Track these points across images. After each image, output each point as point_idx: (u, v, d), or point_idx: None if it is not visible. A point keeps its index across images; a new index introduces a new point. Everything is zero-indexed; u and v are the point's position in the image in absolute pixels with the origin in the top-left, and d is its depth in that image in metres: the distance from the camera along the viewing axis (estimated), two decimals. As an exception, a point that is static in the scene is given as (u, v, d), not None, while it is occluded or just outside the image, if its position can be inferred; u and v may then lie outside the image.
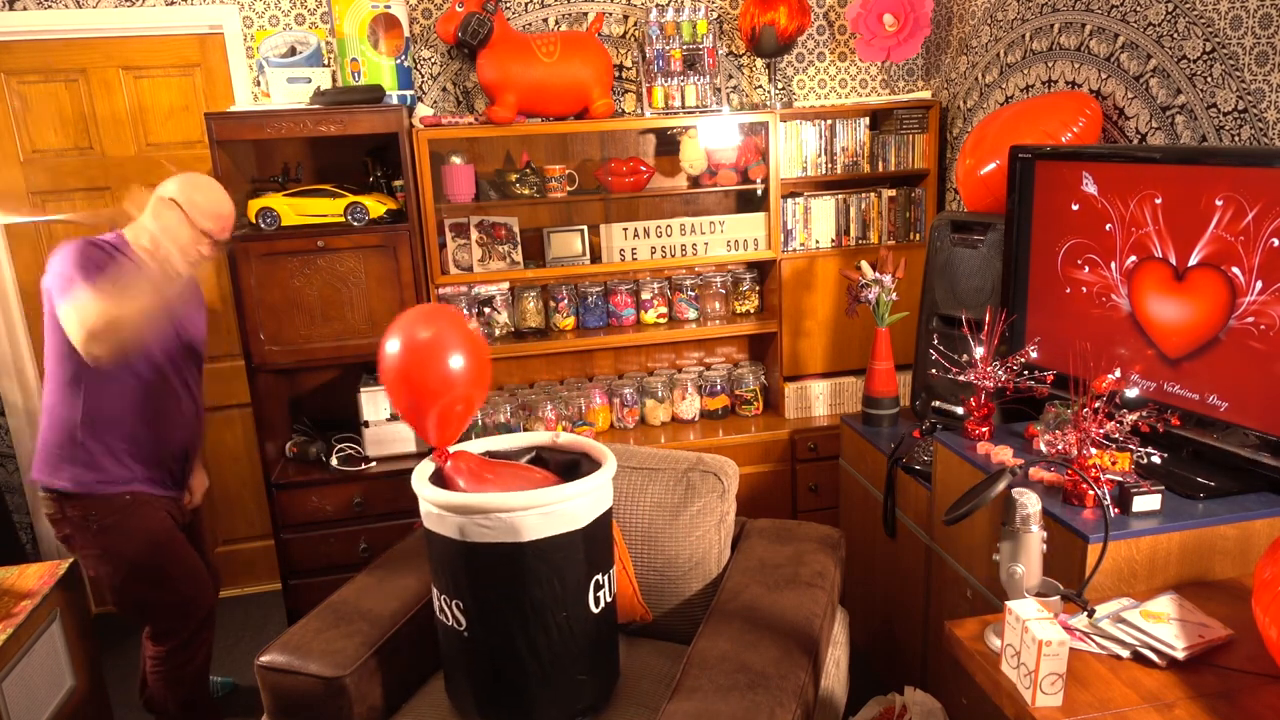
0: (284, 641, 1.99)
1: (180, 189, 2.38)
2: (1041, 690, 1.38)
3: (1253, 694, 1.39)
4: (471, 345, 1.86)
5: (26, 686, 2.24)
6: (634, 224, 3.29)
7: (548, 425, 3.32)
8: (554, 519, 1.77)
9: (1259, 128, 2.04)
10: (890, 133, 3.41)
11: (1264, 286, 1.69)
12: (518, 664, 1.82)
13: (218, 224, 2.41)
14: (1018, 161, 2.29)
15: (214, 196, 2.42)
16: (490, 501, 1.75)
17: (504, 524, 1.74)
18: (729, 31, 3.48)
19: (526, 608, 1.79)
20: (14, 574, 2.44)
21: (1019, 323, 2.34)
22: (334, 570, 3.07)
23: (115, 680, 3.13)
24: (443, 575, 1.85)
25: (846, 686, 2.33)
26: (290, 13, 3.23)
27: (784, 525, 2.41)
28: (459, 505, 1.76)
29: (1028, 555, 1.54)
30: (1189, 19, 2.20)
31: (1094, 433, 1.77)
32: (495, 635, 1.81)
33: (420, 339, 1.83)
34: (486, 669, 1.84)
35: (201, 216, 2.37)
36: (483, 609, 1.81)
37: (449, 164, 3.12)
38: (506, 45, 3.02)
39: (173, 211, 2.36)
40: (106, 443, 2.35)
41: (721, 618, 1.98)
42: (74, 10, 3.12)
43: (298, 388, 3.38)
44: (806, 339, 3.43)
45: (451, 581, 1.83)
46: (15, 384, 3.38)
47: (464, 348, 1.84)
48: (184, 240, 2.37)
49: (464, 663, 1.87)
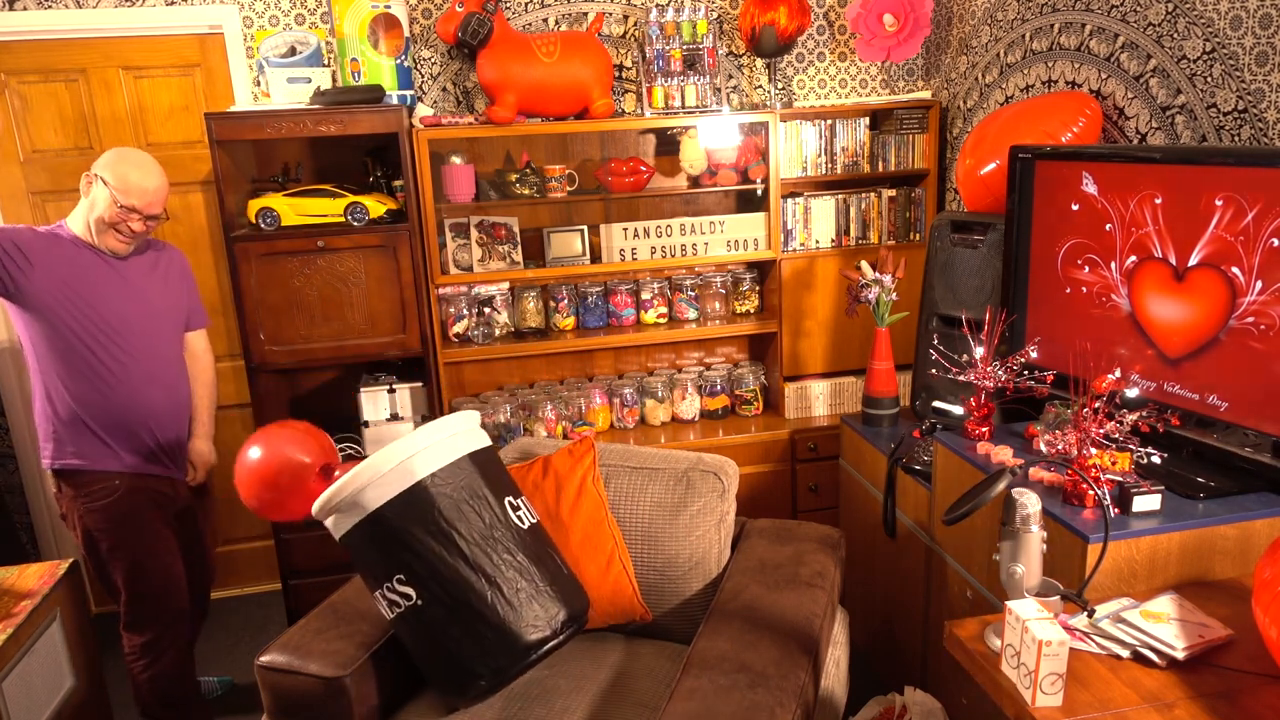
0: (284, 641, 1.99)
1: (109, 165, 2.39)
2: (1041, 690, 1.38)
3: (1253, 694, 1.39)
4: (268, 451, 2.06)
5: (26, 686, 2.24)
6: (634, 224, 3.29)
7: (548, 425, 3.33)
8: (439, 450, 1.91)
9: (1259, 128, 2.04)
10: (890, 133, 3.41)
11: (1264, 286, 1.69)
12: (479, 599, 1.85)
13: (143, 199, 2.39)
14: (1018, 161, 2.29)
15: (142, 171, 2.40)
16: (378, 461, 1.87)
17: (398, 473, 1.87)
18: (729, 31, 3.48)
19: (457, 539, 1.87)
20: (14, 574, 2.43)
21: (1019, 323, 2.34)
22: (334, 570, 3.07)
23: (115, 680, 3.13)
24: (377, 564, 1.91)
25: (846, 686, 2.33)
26: (290, 13, 3.23)
27: (784, 525, 2.41)
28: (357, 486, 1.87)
29: (1028, 555, 1.54)
30: (1189, 19, 2.20)
31: (1094, 433, 1.77)
32: (447, 583, 1.86)
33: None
34: (454, 623, 1.87)
35: (127, 193, 2.37)
36: (421, 565, 1.86)
37: (449, 164, 3.12)
38: (506, 45, 3.02)
39: (99, 188, 2.37)
40: (80, 420, 2.42)
41: (721, 618, 1.98)
42: (74, 10, 3.12)
43: (297, 388, 3.38)
44: (806, 339, 3.42)
45: (387, 562, 1.89)
46: (15, 384, 3.37)
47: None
48: (112, 217, 2.37)
49: (432, 635, 1.90)
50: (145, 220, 2.43)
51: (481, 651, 1.87)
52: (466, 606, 1.86)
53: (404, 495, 1.87)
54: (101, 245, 2.42)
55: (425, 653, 1.93)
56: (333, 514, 1.93)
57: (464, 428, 2.04)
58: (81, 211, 2.42)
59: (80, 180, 2.40)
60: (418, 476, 1.89)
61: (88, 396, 2.43)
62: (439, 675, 1.95)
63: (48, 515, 3.51)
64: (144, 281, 2.53)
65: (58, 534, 3.54)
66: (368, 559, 1.92)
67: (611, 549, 2.21)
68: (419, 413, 3.16)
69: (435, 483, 1.89)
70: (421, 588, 1.86)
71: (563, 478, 2.27)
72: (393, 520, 1.87)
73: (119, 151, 2.43)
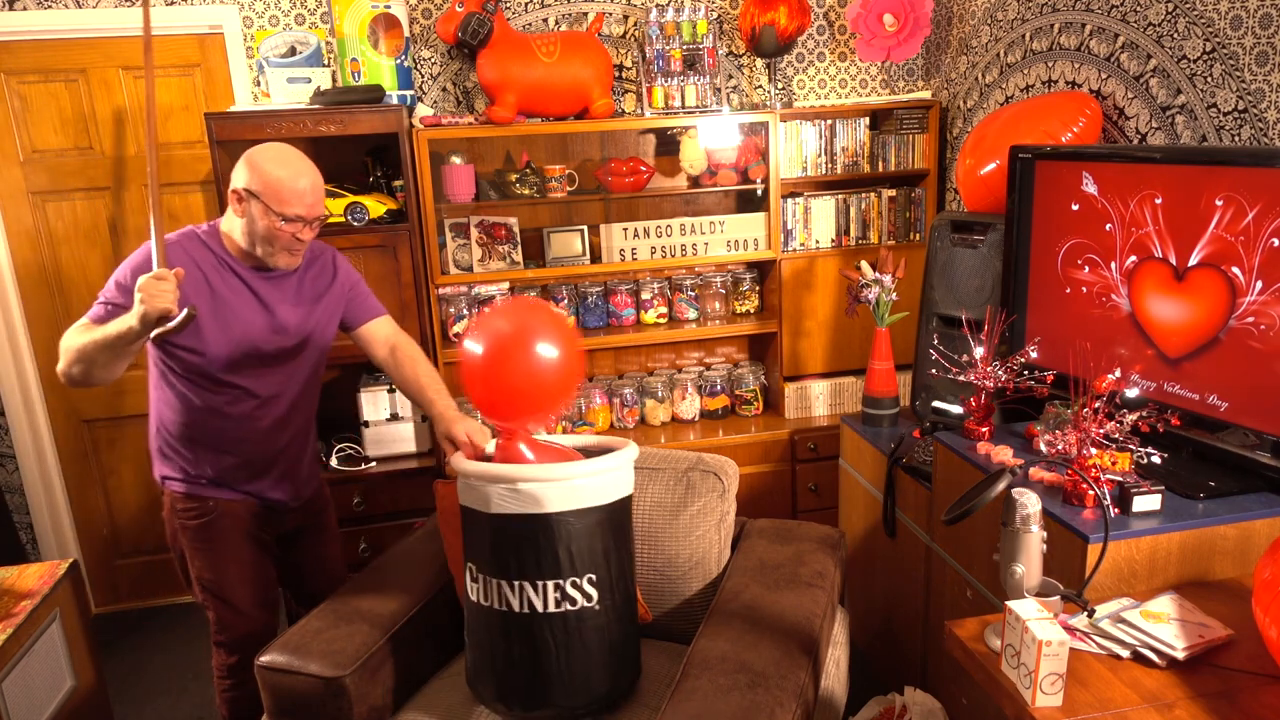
0: (284, 641, 1.99)
1: (250, 173, 2.01)
2: (1041, 690, 1.38)
3: (1253, 694, 1.39)
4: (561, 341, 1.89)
5: (26, 686, 2.24)
6: (634, 224, 3.29)
7: (547, 425, 3.32)
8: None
9: (1259, 128, 2.04)
10: (890, 133, 3.41)
11: (1264, 286, 1.69)
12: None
13: (303, 202, 2.02)
14: (1018, 161, 2.29)
15: (290, 169, 2.02)
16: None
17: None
18: (729, 31, 3.48)
19: (625, 557, 1.89)
20: (14, 574, 2.43)
21: (1019, 323, 2.34)
22: (334, 570, 3.07)
23: (115, 680, 3.13)
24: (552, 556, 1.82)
25: (846, 686, 2.33)
26: (290, 13, 3.23)
27: (784, 525, 2.41)
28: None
29: (1028, 555, 1.54)
30: (1189, 19, 2.20)
31: (1094, 433, 1.77)
32: (619, 598, 1.88)
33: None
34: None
35: (283, 202, 2.00)
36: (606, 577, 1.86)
37: (449, 164, 3.12)
38: (506, 45, 3.02)
39: (249, 204, 2.02)
40: (190, 441, 2.14)
41: (721, 618, 1.98)
42: (74, 10, 3.12)
43: (298, 388, 3.38)
44: (806, 339, 3.42)
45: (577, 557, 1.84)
46: (15, 384, 3.37)
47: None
48: (272, 232, 2.02)
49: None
50: (312, 225, 2.07)
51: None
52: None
53: (620, 503, 1.89)
54: (270, 263, 2.08)
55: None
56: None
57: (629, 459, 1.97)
58: (236, 231, 2.08)
59: (229, 200, 2.06)
60: (625, 492, 1.92)
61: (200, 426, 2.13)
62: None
63: (48, 515, 3.51)
64: (290, 303, 2.18)
65: (58, 534, 3.54)
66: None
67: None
68: (419, 413, 3.15)
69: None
70: (605, 595, 1.86)
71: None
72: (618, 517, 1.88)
73: (258, 152, 2.04)
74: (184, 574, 2.30)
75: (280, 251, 2.07)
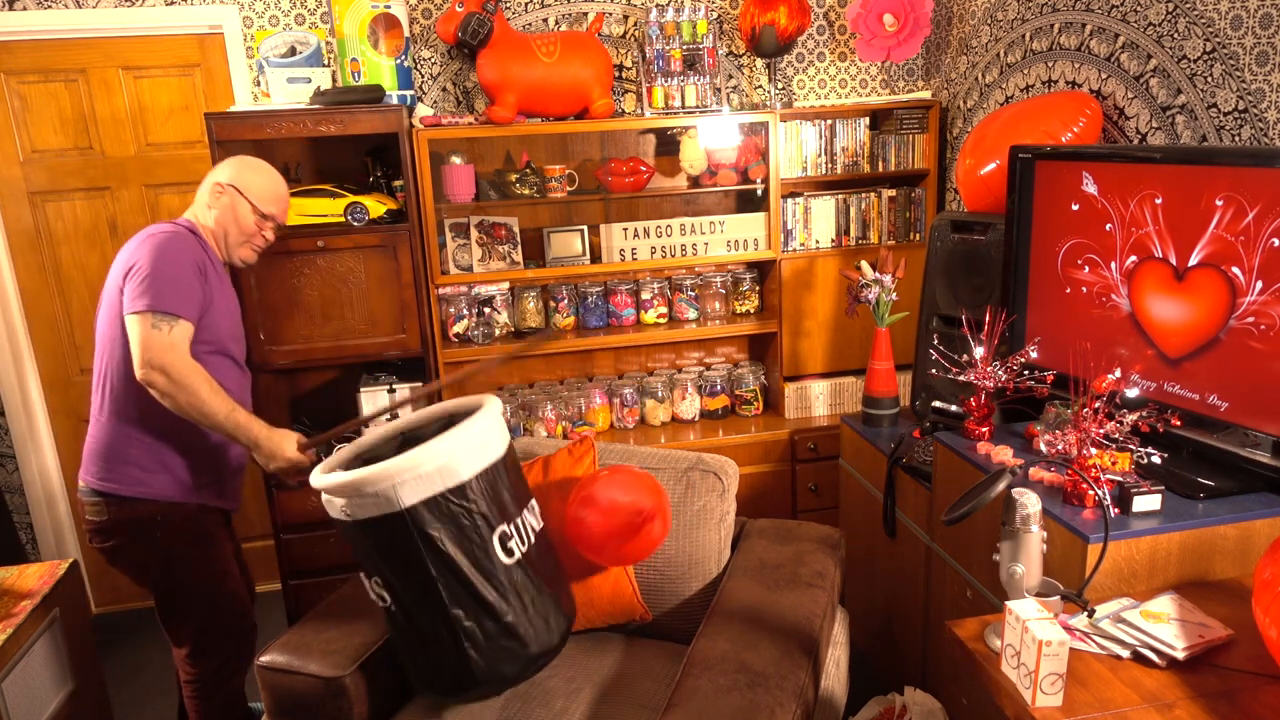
0: (284, 641, 1.99)
1: (236, 173, 2.30)
2: (1041, 690, 1.38)
3: (1253, 694, 1.39)
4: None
5: (26, 686, 2.24)
6: (634, 224, 3.29)
7: (547, 425, 3.33)
8: (430, 480, 1.76)
9: (1259, 128, 2.04)
10: (890, 133, 3.41)
11: (1264, 286, 1.69)
12: (444, 628, 1.82)
13: (279, 206, 2.35)
14: (1018, 161, 2.29)
15: (273, 179, 2.35)
16: (355, 476, 1.74)
17: (380, 495, 1.74)
18: (729, 31, 3.48)
19: (432, 571, 1.79)
20: (14, 574, 2.44)
21: (1019, 323, 2.34)
22: (334, 570, 3.07)
23: (115, 680, 3.14)
24: (357, 557, 1.89)
25: (846, 686, 2.33)
26: (290, 13, 3.23)
27: (784, 525, 2.41)
28: (332, 486, 1.77)
29: (1028, 555, 1.54)
30: (1189, 19, 2.20)
31: (1094, 433, 1.77)
32: (412, 605, 1.84)
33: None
34: (419, 639, 1.86)
35: (265, 201, 2.31)
36: (393, 582, 1.83)
37: (449, 164, 3.12)
38: (506, 45, 3.02)
39: (230, 196, 2.27)
40: (175, 444, 2.21)
41: (721, 618, 1.98)
42: (74, 10, 3.12)
43: (297, 388, 3.38)
44: (806, 339, 3.42)
45: (365, 560, 1.87)
46: (15, 384, 3.37)
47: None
48: (247, 227, 2.30)
49: (399, 637, 1.91)
50: (276, 229, 2.39)
51: (436, 669, 1.87)
52: (436, 628, 1.83)
53: (443, 495, 1.78)
54: (235, 257, 2.33)
55: (391, 635, 1.94)
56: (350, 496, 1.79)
57: (497, 423, 1.94)
58: (213, 222, 2.29)
59: (207, 194, 2.29)
60: (462, 478, 1.80)
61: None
62: (404, 659, 1.95)
63: (47, 515, 3.51)
64: (233, 291, 2.42)
65: (57, 534, 3.54)
66: (356, 545, 1.86)
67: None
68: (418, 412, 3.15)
69: (474, 486, 1.82)
70: (398, 599, 1.84)
71: (563, 478, 2.27)
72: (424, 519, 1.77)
73: (242, 161, 2.35)
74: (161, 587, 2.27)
75: (246, 247, 2.34)
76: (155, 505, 2.20)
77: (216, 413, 2.11)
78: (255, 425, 2.18)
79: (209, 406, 2.10)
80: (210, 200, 2.29)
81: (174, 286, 2.09)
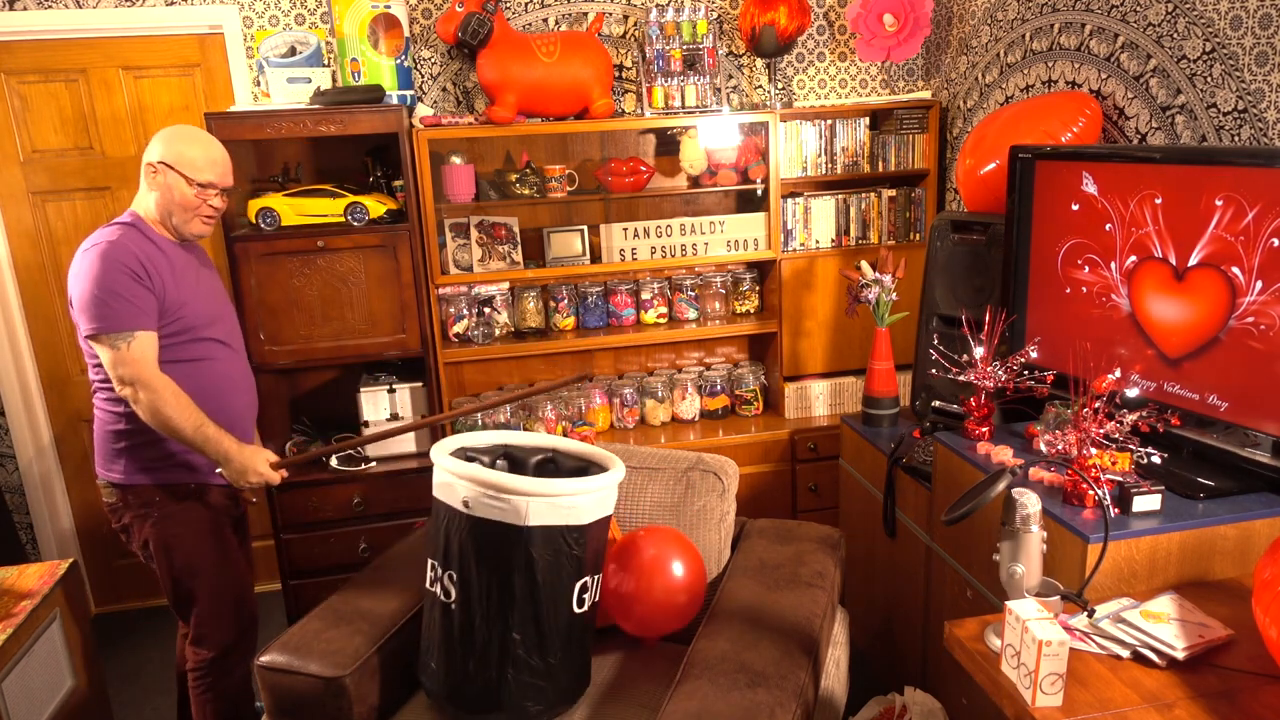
0: (284, 641, 1.99)
1: (166, 148, 2.20)
2: (1041, 690, 1.38)
3: (1253, 694, 1.39)
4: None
5: (26, 686, 2.24)
6: (634, 224, 3.29)
7: (547, 425, 3.32)
8: (558, 511, 1.82)
9: (1259, 128, 2.04)
10: (890, 133, 3.41)
11: (1264, 286, 1.69)
12: (497, 644, 1.84)
13: (215, 170, 2.23)
14: (1018, 161, 2.29)
15: (203, 144, 2.24)
16: (502, 480, 1.81)
17: (510, 505, 1.80)
18: (729, 31, 3.48)
19: (515, 589, 1.83)
20: (14, 574, 2.44)
21: (1019, 323, 2.34)
22: (334, 570, 3.07)
23: (115, 680, 3.14)
24: (442, 544, 1.90)
25: (846, 686, 2.33)
26: (290, 13, 3.23)
27: (784, 525, 2.41)
28: (472, 477, 1.82)
29: (1028, 555, 1.54)
30: (1189, 19, 2.20)
31: (1094, 433, 1.77)
32: (479, 612, 1.85)
33: None
34: (465, 644, 1.87)
35: (197, 170, 2.20)
36: (473, 584, 1.85)
37: (449, 164, 3.12)
38: (506, 45, 3.02)
39: (165, 175, 2.19)
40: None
41: (721, 618, 1.98)
42: (74, 10, 3.12)
43: (297, 388, 3.38)
44: (806, 339, 3.42)
45: (450, 552, 1.88)
46: (15, 384, 3.37)
47: None
48: (189, 200, 2.20)
49: (443, 636, 1.91)
50: (222, 194, 2.27)
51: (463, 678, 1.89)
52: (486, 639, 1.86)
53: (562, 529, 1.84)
54: (187, 233, 2.25)
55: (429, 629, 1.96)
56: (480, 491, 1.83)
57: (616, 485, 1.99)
58: (154, 205, 2.22)
59: (142, 175, 2.22)
60: (583, 521, 1.87)
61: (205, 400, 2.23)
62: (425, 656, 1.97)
63: (47, 515, 3.51)
64: (207, 272, 2.37)
65: (58, 534, 3.54)
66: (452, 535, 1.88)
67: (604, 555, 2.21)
68: (419, 413, 3.16)
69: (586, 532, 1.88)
70: (463, 598, 1.87)
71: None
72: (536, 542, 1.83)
73: (169, 132, 2.23)
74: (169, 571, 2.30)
75: (194, 219, 2.24)
76: (155, 488, 2.25)
77: (183, 426, 2.11)
78: (225, 440, 2.17)
79: (175, 421, 2.10)
80: (147, 183, 2.21)
81: (116, 301, 2.06)
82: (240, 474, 2.20)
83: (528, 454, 2.12)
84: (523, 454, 2.12)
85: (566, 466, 2.10)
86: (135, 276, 2.09)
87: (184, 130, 2.26)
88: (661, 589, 2.05)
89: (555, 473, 2.09)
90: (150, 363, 2.09)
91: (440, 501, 1.90)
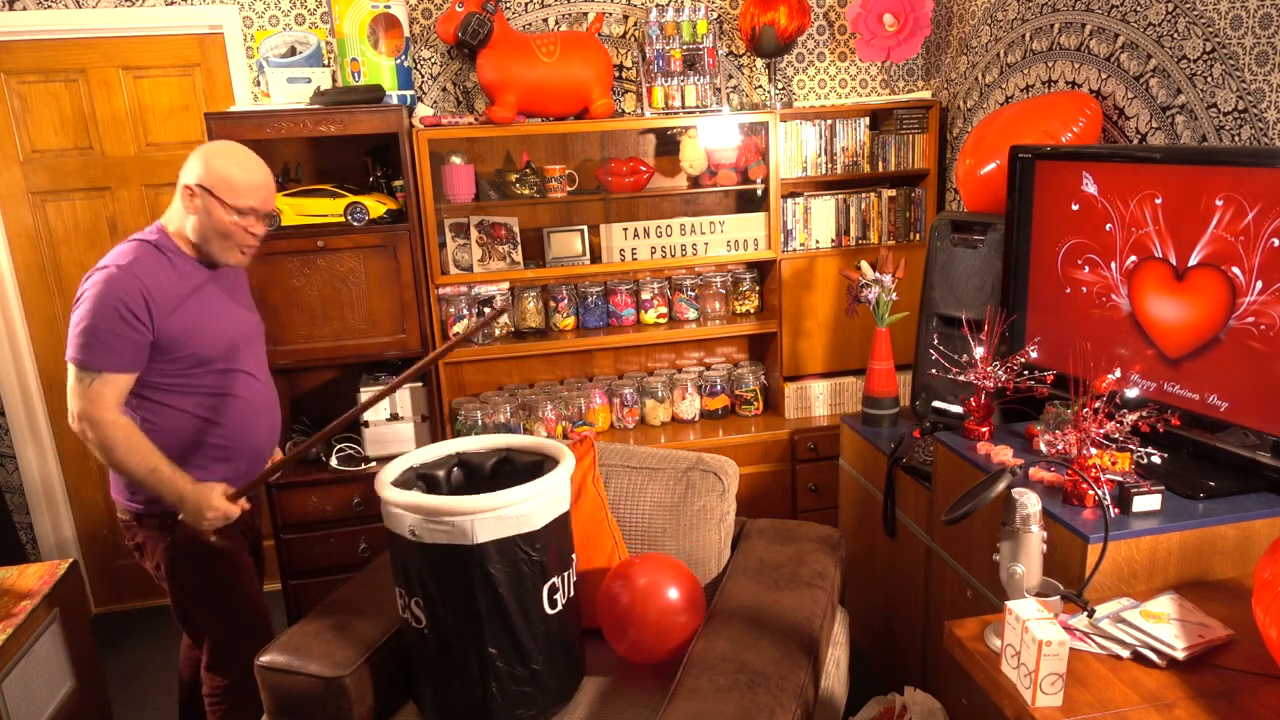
0: (284, 641, 1.99)
1: (205, 171, 2.02)
2: (1041, 690, 1.38)
3: (1253, 694, 1.39)
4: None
5: (26, 686, 2.24)
6: (634, 224, 3.29)
7: (547, 425, 3.32)
8: (505, 523, 1.80)
9: (1259, 128, 2.04)
10: (890, 133, 3.41)
11: (1264, 286, 1.69)
12: (475, 661, 1.85)
13: (258, 195, 2.06)
14: (1018, 161, 2.29)
15: (243, 165, 2.05)
16: (442, 504, 1.79)
17: (455, 526, 1.77)
18: (729, 31, 3.48)
19: (480, 607, 1.82)
20: (14, 574, 2.44)
21: (1019, 323, 2.34)
22: (334, 570, 3.07)
23: (115, 680, 3.14)
24: (401, 573, 1.90)
25: (846, 686, 2.33)
26: (290, 13, 3.23)
27: (784, 525, 2.41)
28: (413, 505, 1.80)
29: (1028, 555, 1.54)
30: (1189, 19, 2.20)
31: (1094, 433, 1.77)
32: (451, 634, 1.85)
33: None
34: (444, 666, 1.88)
35: (238, 195, 2.02)
36: (438, 608, 1.85)
37: (449, 164, 3.12)
38: (506, 45, 3.02)
39: (201, 199, 2.02)
40: (186, 455, 2.11)
41: (721, 618, 1.98)
42: (74, 10, 3.12)
43: (297, 388, 3.38)
44: (806, 339, 3.42)
45: (410, 580, 1.87)
46: (15, 384, 3.37)
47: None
48: (227, 227, 2.04)
49: (424, 660, 1.92)
50: (264, 219, 2.11)
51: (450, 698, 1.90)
52: (464, 659, 1.86)
53: (514, 539, 1.81)
54: (223, 263, 2.12)
55: (411, 654, 1.97)
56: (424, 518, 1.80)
57: (568, 476, 1.96)
58: (190, 229, 2.07)
59: (177, 195, 2.06)
60: (535, 526, 1.84)
61: (200, 427, 2.13)
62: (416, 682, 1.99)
63: (48, 515, 3.51)
64: (235, 299, 2.23)
65: (58, 534, 3.54)
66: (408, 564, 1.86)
67: (611, 549, 2.21)
68: (419, 413, 3.16)
69: (542, 536, 1.85)
70: (433, 623, 1.86)
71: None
72: (490, 558, 1.80)
73: (208, 151, 2.05)
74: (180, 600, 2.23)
75: (233, 248, 2.10)
76: (173, 514, 2.13)
77: (135, 469, 1.99)
78: (180, 481, 2.02)
79: (127, 464, 1.98)
80: (184, 206, 2.06)
81: (94, 338, 1.94)
82: (196, 513, 2.03)
83: (483, 458, 2.11)
84: (477, 459, 2.11)
85: (522, 463, 2.08)
86: (125, 317, 1.95)
87: (224, 149, 2.08)
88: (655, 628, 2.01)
89: (512, 472, 2.06)
90: (107, 404, 1.96)
91: (391, 531, 1.87)
